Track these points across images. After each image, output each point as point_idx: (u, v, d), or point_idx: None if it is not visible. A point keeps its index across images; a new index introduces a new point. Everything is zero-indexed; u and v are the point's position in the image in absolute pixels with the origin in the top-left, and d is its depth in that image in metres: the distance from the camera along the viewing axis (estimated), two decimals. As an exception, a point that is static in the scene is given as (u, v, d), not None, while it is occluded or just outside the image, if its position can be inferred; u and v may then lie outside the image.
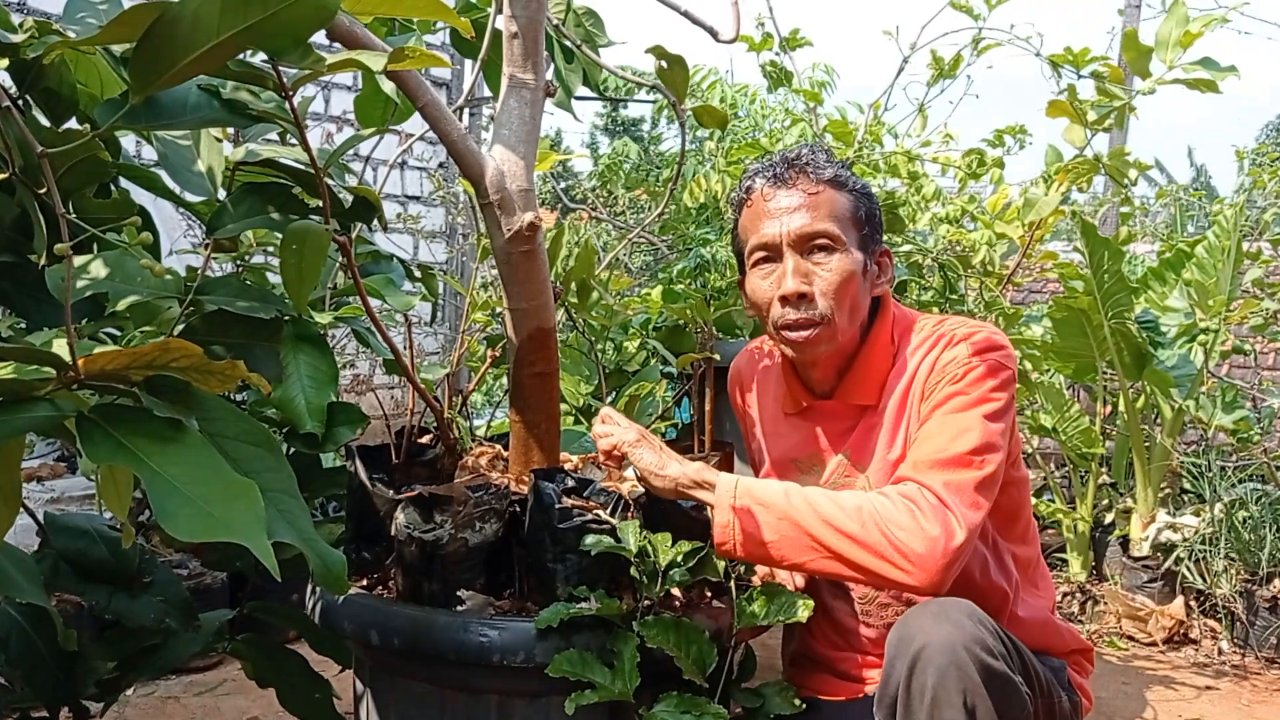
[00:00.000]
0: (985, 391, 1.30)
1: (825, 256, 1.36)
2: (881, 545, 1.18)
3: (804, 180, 1.38)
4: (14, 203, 1.11)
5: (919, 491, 1.22)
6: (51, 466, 3.09)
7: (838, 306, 1.36)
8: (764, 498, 1.25)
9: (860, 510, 1.21)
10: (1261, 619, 2.75)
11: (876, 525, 1.19)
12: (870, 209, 1.42)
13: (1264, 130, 21.84)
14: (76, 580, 1.35)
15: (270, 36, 0.88)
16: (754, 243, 1.40)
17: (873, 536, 1.19)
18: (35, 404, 0.86)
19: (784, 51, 2.86)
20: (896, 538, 1.18)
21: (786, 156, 1.42)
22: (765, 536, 1.23)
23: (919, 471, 1.25)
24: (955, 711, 1.10)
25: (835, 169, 1.41)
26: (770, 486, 1.27)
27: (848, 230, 1.37)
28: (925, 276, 2.74)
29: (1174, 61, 2.23)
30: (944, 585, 1.19)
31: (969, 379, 1.31)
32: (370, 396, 4.21)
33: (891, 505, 1.21)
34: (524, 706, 1.27)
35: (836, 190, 1.39)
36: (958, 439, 1.26)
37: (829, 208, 1.37)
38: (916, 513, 1.19)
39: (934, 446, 1.27)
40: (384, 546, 1.39)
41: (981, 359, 1.32)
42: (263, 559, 0.82)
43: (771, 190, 1.39)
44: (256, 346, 1.21)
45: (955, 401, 1.30)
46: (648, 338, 2.51)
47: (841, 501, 1.23)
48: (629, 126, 16.31)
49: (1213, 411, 3.15)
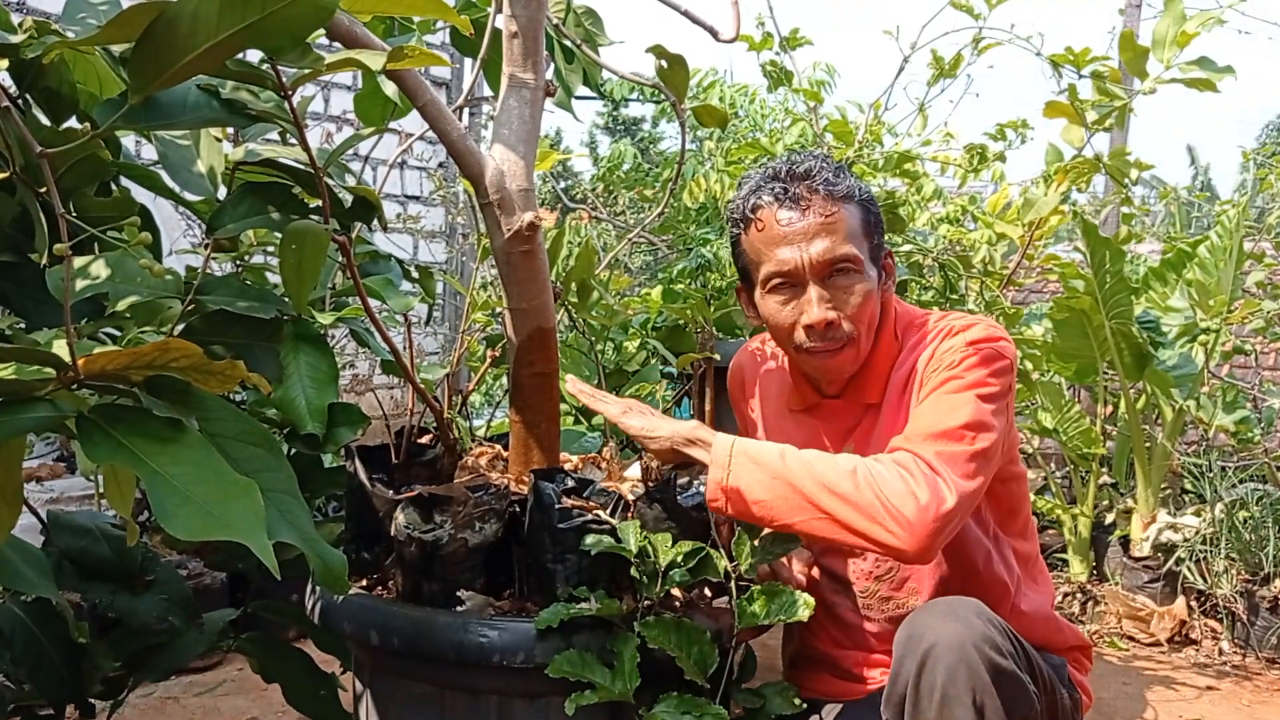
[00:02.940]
0: (980, 376, 1.30)
1: (847, 280, 1.34)
2: (873, 507, 1.17)
3: (817, 200, 1.34)
4: (14, 202, 1.11)
5: (912, 459, 1.22)
6: (51, 467, 3.08)
7: (861, 326, 1.36)
8: (759, 457, 1.25)
9: (854, 472, 1.20)
10: (1262, 619, 2.75)
11: (870, 487, 1.19)
12: (876, 215, 1.40)
13: (1265, 130, 21.83)
14: (79, 579, 1.35)
15: (269, 36, 0.88)
16: (770, 269, 1.36)
17: (865, 497, 1.18)
18: (35, 404, 0.86)
19: (784, 51, 2.86)
20: (888, 500, 1.17)
21: (793, 170, 1.37)
22: (758, 495, 1.23)
23: (911, 442, 1.25)
24: (964, 709, 1.09)
25: (845, 179, 1.37)
26: (766, 447, 1.27)
27: (862, 246, 1.36)
28: (925, 276, 2.74)
29: (1171, 61, 2.23)
30: (931, 551, 1.18)
31: (964, 365, 1.31)
32: (370, 396, 4.20)
33: (884, 469, 1.21)
34: (524, 707, 1.26)
35: (849, 204, 1.36)
36: (950, 415, 1.26)
37: (846, 228, 1.34)
38: (908, 478, 1.19)
39: (926, 421, 1.27)
40: (384, 547, 1.39)
41: (977, 347, 1.32)
42: (263, 558, 0.82)
43: (785, 212, 1.34)
44: (256, 346, 1.21)
45: (950, 385, 1.30)
46: (648, 338, 2.51)
47: (837, 463, 1.23)
48: (629, 126, 16.30)
49: (1213, 412, 3.15)
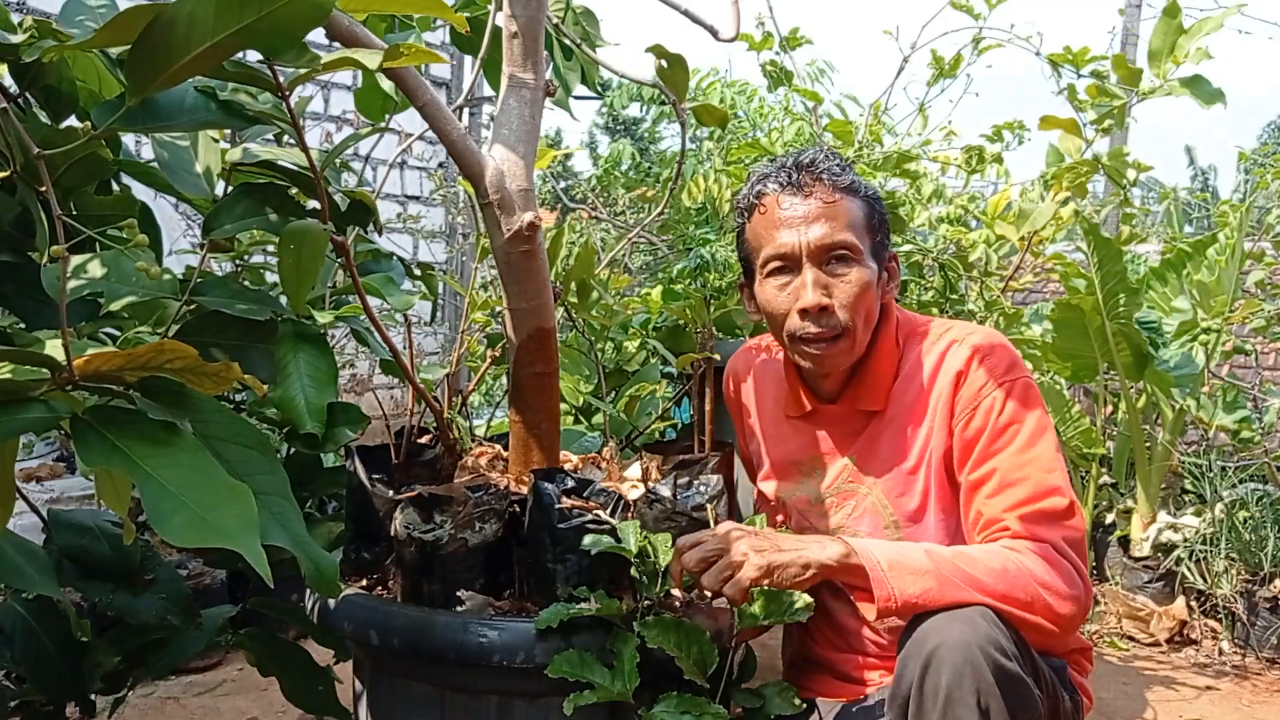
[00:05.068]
0: (1035, 414, 1.31)
1: (844, 268, 1.34)
2: (1033, 606, 1.21)
3: (820, 187, 1.35)
4: (15, 201, 1.11)
5: (1054, 553, 1.24)
6: (51, 467, 3.08)
7: (857, 318, 1.35)
8: (916, 566, 1.21)
9: (1006, 573, 1.21)
10: (1262, 619, 2.75)
11: (1024, 588, 1.21)
12: (881, 215, 1.40)
13: (1265, 130, 21.84)
14: (79, 577, 1.35)
15: (265, 37, 0.88)
16: (769, 252, 1.36)
17: (1023, 597, 1.21)
18: (29, 405, 0.86)
19: (784, 51, 2.86)
20: (1049, 601, 1.21)
21: (799, 160, 1.38)
22: (923, 601, 1.19)
23: (1026, 524, 1.26)
24: (969, 711, 1.09)
25: (850, 174, 1.38)
26: (911, 552, 1.23)
27: (863, 239, 1.36)
28: (925, 276, 2.73)
29: (1167, 75, 2.25)
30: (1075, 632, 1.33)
31: (1012, 409, 1.31)
32: (370, 396, 4.20)
33: (1032, 565, 1.23)
34: (524, 707, 1.26)
35: (852, 197, 1.36)
36: (1044, 474, 1.28)
37: (847, 217, 1.34)
38: (1056, 576, 1.23)
39: (1025, 491, 1.27)
40: (384, 546, 1.39)
41: (1012, 378, 1.33)
42: (256, 565, 0.81)
43: (787, 197, 1.36)
44: (251, 348, 1.20)
45: (1020, 437, 1.30)
46: (648, 338, 2.51)
47: (988, 564, 1.22)
48: (629, 126, 16.30)
49: (1214, 412, 3.14)
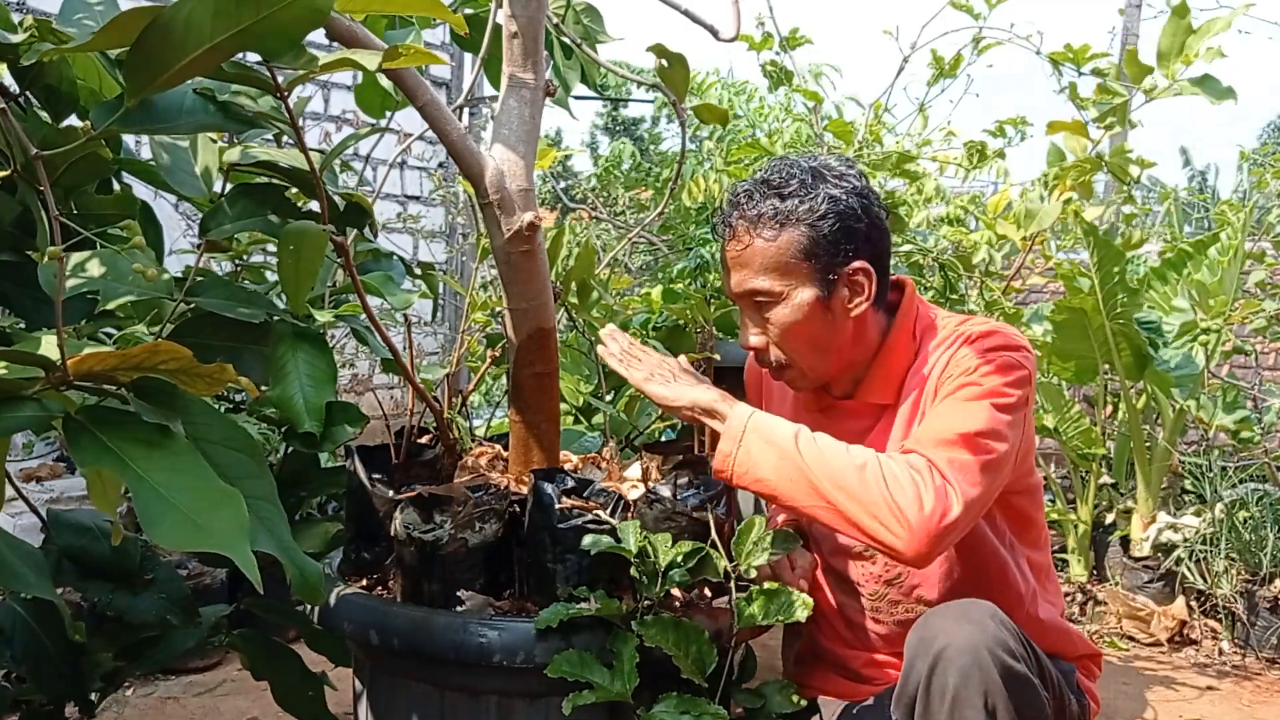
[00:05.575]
0: (998, 384, 1.29)
1: (766, 310, 1.35)
2: (878, 505, 1.17)
3: (740, 230, 1.35)
4: (15, 201, 1.10)
5: (925, 463, 1.21)
6: (51, 467, 3.08)
7: (792, 353, 1.36)
8: (772, 435, 1.24)
9: (864, 467, 1.20)
10: (1262, 619, 2.75)
11: (878, 484, 1.18)
12: (830, 234, 1.31)
13: (1265, 129, 21.83)
14: (78, 577, 1.35)
15: (263, 39, 0.88)
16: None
17: (871, 494, 1.18)
18: (22, 404, 0.86)
19: (784, 51, 2.86)
20: (894, 501, 1.17)
21: (734, 197, 1.38)
22: (764, 474, 1.23)
23: (924, 446, 1.24)
24: (976, 712, 1.09)
25: (774, 202, 1.32)
26: (781, 426, 1.26)
27: (789, 274, 1.32)
28: (925, 276, 2.73)
29: (1176, 75, 2.25)
30: (930, 557, 1.18)
31: (980, 372, 1.30)
32: (370, 396, 4.20)
33: (895, 468, 1.20)
34: (524, 707, 1.26)
35: (781, 229, 1.31)
36: (965, 421, 1.25)
37: (759, 260, 1.33)
38: (918, 480, 1.18)
39: (941, 426, 1.26)
40: (384, 546, 1.39)
41: (996, 355, 1.31)
42: (246, 571, 0.81)
43: (723, 240, 1.39)
44: (245, 349, 1.20)
45: (966, 391, 1.29)
46: (648, 338, 2.51)
47: (850, 454, 1.22)
48: (629, 126, 16.29)
49: (1214, 412, 3.14)
